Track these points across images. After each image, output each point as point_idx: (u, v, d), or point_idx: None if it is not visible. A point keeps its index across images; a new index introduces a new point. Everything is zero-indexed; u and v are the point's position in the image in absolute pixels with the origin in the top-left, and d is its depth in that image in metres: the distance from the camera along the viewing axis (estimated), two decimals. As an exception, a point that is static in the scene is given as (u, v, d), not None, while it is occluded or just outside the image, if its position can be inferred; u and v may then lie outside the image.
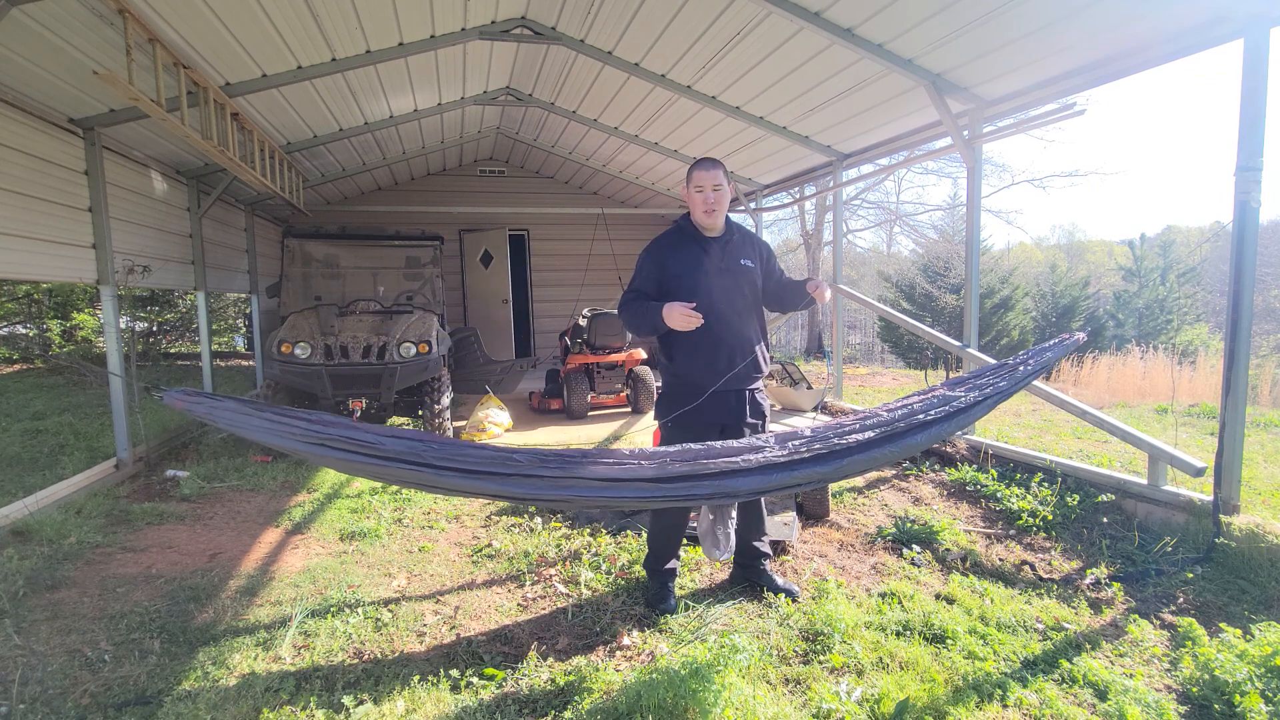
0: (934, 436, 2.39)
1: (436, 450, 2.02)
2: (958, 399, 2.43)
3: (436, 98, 7.42)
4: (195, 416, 2.12)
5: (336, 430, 2.03)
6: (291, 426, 2.04)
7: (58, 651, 2.62)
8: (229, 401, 2.12)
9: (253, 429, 2.06)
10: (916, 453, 2.49)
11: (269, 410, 2.08)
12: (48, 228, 4.49)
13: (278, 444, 2.08)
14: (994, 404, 2.56)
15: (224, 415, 2.08)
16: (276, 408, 2.11)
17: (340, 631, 2.79)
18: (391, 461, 2.00)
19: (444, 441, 2.08)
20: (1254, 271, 3.37)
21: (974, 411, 2.47)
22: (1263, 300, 24.37)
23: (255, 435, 2.07)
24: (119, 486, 4.84)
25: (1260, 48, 3.36)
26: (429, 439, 2.07)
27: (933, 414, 2.36)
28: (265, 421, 2.05)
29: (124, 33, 3.71)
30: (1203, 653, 2.47)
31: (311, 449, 2.03)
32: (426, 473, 2.00)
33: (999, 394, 2.55)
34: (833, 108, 6.13)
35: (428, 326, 6.15)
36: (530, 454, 2.09)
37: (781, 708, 2.22)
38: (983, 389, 2.50)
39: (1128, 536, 3.68)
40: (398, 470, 2.02)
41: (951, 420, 2.40)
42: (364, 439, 2.01)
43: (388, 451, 2.00)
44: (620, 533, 3.72)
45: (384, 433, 2.06)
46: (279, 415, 2.07)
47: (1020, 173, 38.28)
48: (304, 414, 2.09)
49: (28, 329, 12.02)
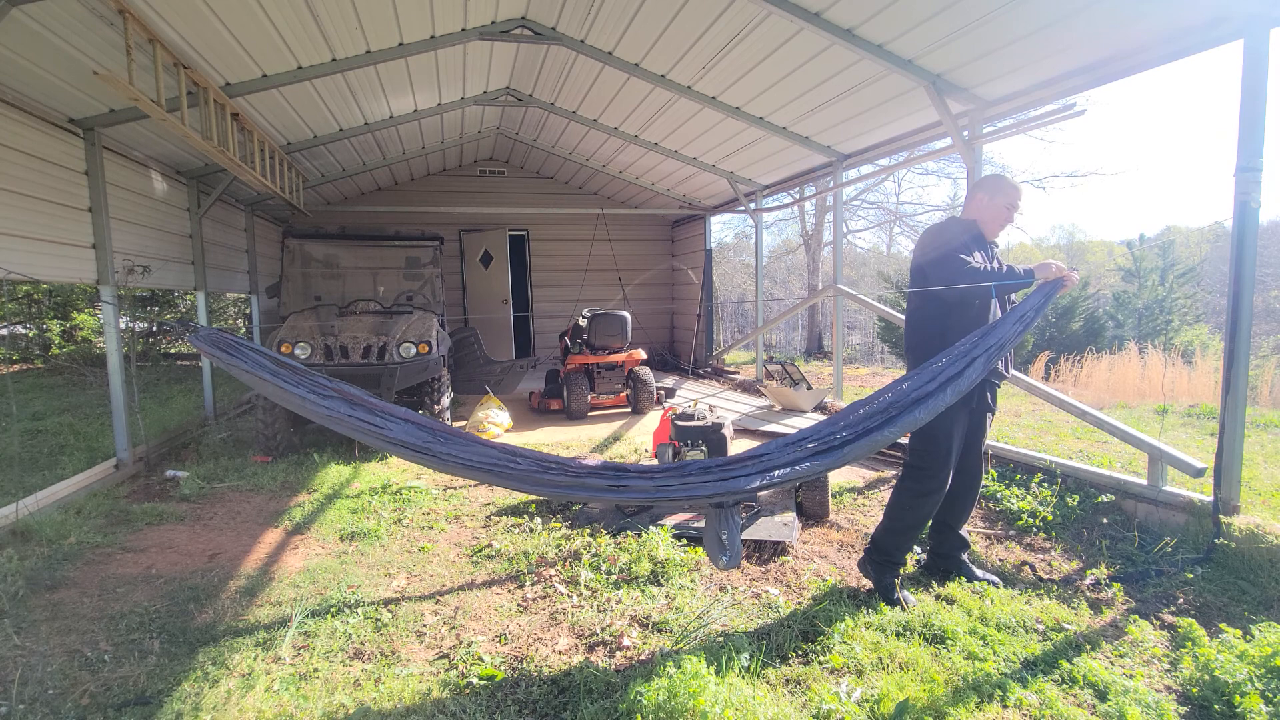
0: (931, 409, 2.40)
1: (443, 444, 2.06)
2: (945, 369, 2.44)
3: (436, 98, 7.43)
4: (216, 363, 2.19)
5: (346, 410, 2.06)
6: (305, 401, 2.08)
7: (57, 652, 2.62)
8: (251, 359, 2.13)
9: (268, 392, 2.14)
10: (915, 429, 2.49)
11: (285, 375, 2.11)
12: (48, 228, 4.49)
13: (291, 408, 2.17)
14: (984, 366, 2.55)
15: (240, 372, 2.14)
16: (294, 374, 2.13)
17: (340, 632, 2.79)
18: (396, 446, 2.06)
19: (451, 435, 2.10)
20: (1254, 272, 3.37)
21: (966, 376, 2.49)
22: (1263, 300, 24.39)
23: (270, 396, 2.16)
24: (119, 487, 4.84)
25: (1260, 48, 3.36)
26: (437, 430, 2.10)
27: (925, 388, 2.38)
28: (278, 388, 2.11)
29: (124, 33, 3.71)
30: (1203, 653, 2.47)
31: (322, 421, 2.11)
32: (432, 461, 2.06)
33: (987, 353, 2.55)
34: (833, 108, 6.13)
35: (428, 326, 6.16)
36: (533, 461, 2.11)
37: (781, 708, 2.22)
38: (969, 354, 2.51)
39: (1128, 537, 3.68)
40: (402, 452, 2.08)
41: (945, 390, 2.42)
42: (372, 422, 2.05)
43: (393, 438, 2.05)
44: (620, 533, 3.72)
45: (393, 415, 2.09)
46: (297, 385, 2.10)
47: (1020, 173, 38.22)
48: (319, 387, 2.11)
49: (28, 329, 12.02)
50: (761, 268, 10.52)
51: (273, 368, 2.11)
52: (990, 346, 2.57)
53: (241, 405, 8.13)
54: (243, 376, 2.13)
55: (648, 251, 12.77)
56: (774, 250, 27.62)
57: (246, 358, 2.10)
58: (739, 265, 28.36)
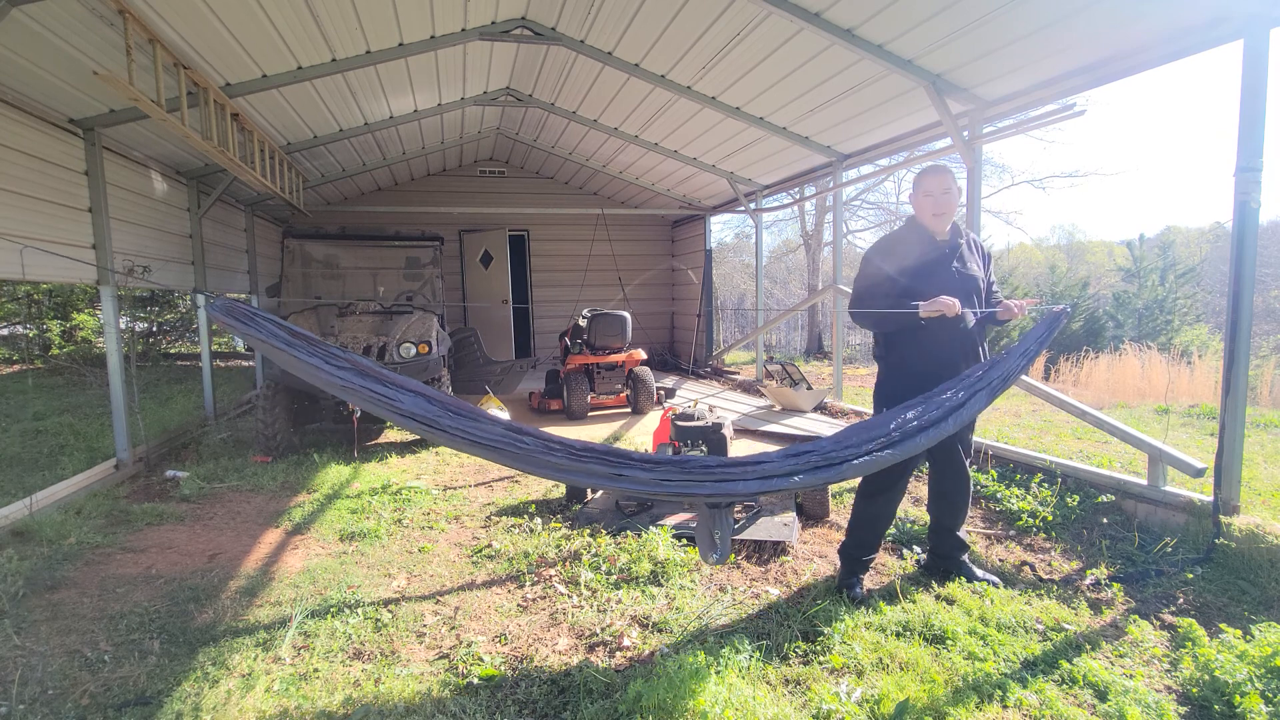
0: (933, 437, 2.42)
1: (451, 418, 2.11)
2: (949, 400, 2.47)
3: (436, 98, 7.43)
4: (232, 333, 2.22)
5: (358, 380, 2.12)
6: (319, 370, 2.12)
7: (57, 652, 2.62)
8: (266, 329, 2.15)
9: (282, 361, 2.16)
10: (918, 453, 2.53)
11: (299, 345, 2.14)
12: (48, 228, 4.49)
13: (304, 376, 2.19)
14: (988, 399, 2.60)
15: (256, 342, 2.16)
16: (309, 344, 2.16)
17: (340, 632, 2.79)
18: (405, 418, 2.10)
19: (459, 410, 2.13)
20: (1254, 272, 3.37)
21: (969, 407, 2.52)
22: (1263, 300, 24.37)
23: (284, 365, 2.17)
24: (119, 487, 4.84)
25: (1260, 48, 3.36)
26: (447, 404, 2.13)
27: (929, 416, 2.40)
28: (292, 357, 2.13)
29: (124, 33, 3.71)
30: (1203, 653, 2.47)
31: (335, 391, 2.15)
32: (439, 435, 2.11)
33: (989, 387, 2.59)
34: (833, 108, 6.13)
35: (428, 326, 6.16)
36: (538, 440, 2.12)
37: (781, 708, 2.22)
38: (973, 386, 2.55)
39: (1128, 537, 3.68)
40: (411, 424, 2.12)
41: (948, 420, 2.45)
42: (384, 393, 2.11)
43: (404, 409, 2.10)
44: (620, 533, 3.72)
45: (404, 387, 2.13)
46: (311, 355, 2.13)
47: (1020, 173, 38.27)
48: (333, 357, 2.13)
49: (28, 329, 12.03)
50: (761, 268, 10.53)
51: (287, 338, 2.13)
52: (993, 380, 2.65)
53: (241, 405, 8.13)
54: (258, 345, 2.16)
55: (648, 252, 12.77)
56: (774, 250, 27.60)
57: (261, 327, 2.12)
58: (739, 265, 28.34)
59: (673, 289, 12.94)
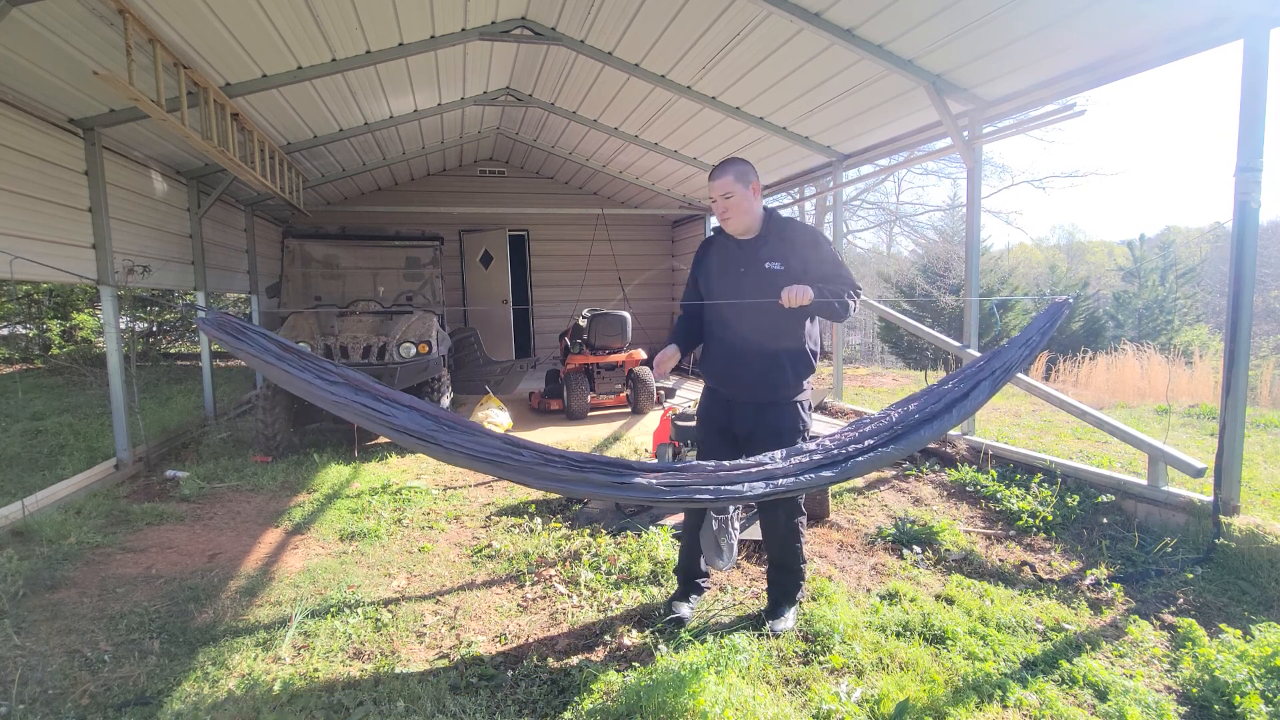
0: (936, 431, 2.40)
1: (447, 433, 2.08)
2: (951, 391, 2.45)
3: (436, 98, 7.42)
4: (223, 347, 2.20)
5: (350, 395, 2.10)
6: (311, 385, 2.09)
7: (57, 652, 2.62)
8: (256, 344, 2.12)
9: (274, 377, 2.13)
10: (919, 449, 2.51)
11: (290, 360, 2.11)
12: (48, 228, 4.49)
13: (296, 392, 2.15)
14: (990, 389, 2.54)
15: (245, 356, 2.13)
16: (300, 359, 2.13)
17: (340, 632, 2.79)
18: (400, 433, 2.07)
19: (456, 424, 2.11)
20: (1254, 272, 3.37)
21: (973, 398, 2.47)
22: (1263, 300, 24.37)
23: (276, 380, 2.14)
24: (119, 487, 4.84)
25: (1260, 48, 3.36)
26: (442, 419, 2.11)
27: (931, 409, 2.38)
28: (283, 372, 2.10)
29: (124, 33, 3.71)
30: (1203, 653, 2.47)
31: (327, 407, 2.12)
32: (436, 449, 2.07)
33: (992, 378, 2.54)
34: (833, 108, 6.13)
35: (428, 326, 6.16)
36: (536, 453, 2.11)
37: (781, 708, 2.22)
38: (975, 377, 2.51)
39: (1128, 537, 3.68)
40: (406, 440, 2.09)
41: (951, 412, 2.42)
42: (378, 408, 2.08)
43: (399, 424, 2.07)
44: (620, 533, 3.72)
45: (398, 401, 2.10)
46: (302, 370, 2.10)
47: (1020, 173, 38.38)
48: (325, 372, 2.11)
49: (28, 329, 12.02)
50: (761, 268, 10.49)
51: (278, 352, 2.11)
52: (996, 370, 2.55)
53: (241, 405, 8.13)
54: (248, 360, 2.12)
55: (648, 251, 12.77)
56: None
57: (252, 342, 2.10)
58: (739, 265, 28.33)
59: (673, 289, 12.93)
